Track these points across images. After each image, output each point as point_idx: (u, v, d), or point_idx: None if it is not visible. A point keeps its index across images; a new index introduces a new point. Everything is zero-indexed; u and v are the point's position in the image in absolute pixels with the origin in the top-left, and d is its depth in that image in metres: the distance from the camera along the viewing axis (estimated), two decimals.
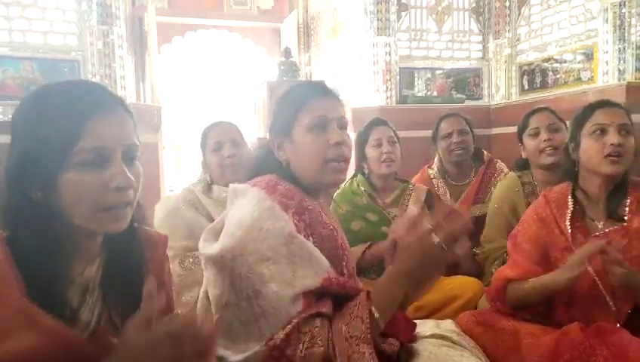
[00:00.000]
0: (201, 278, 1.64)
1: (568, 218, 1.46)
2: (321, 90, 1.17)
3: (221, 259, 1.01)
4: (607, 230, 1.43)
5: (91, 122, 0.77)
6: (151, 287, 0.74)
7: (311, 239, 1.07)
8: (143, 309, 0.73)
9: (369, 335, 0.93)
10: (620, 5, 2.95)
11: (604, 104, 1.49)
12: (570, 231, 1.44)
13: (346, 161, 1.14)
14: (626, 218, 1.42)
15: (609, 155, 1.39)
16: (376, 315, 0.96)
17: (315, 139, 1.10)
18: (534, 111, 2.09)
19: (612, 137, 1.40)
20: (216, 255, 1.01)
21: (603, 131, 1.42)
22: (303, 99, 1.14)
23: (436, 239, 0.91)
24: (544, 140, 1.97)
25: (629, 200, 1.44)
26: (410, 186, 2.19)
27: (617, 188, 1.45)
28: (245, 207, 1.05)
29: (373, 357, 0.92)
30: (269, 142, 1.20)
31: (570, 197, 1.49)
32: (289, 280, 0.98)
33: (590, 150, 1.44)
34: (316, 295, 1.01)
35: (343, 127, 1.15)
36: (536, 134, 2.01)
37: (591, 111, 1.48)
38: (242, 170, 1.21)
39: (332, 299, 1.03)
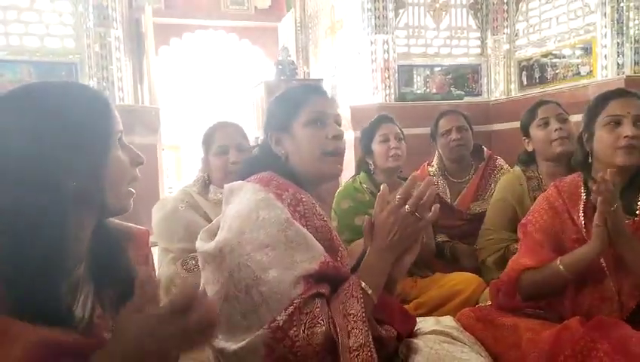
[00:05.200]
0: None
1: (581, 209, 1.42)
2: (318, 90, 1.27)
3: (219, 252, 1.03)
4: None
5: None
6: (143, 276, 0.76)
7: (306, 229, 1.10)
8: (137, 295, 0.72)
9: (364, 314, 0.98)
10: None
11: (619, 94, 1.44)
12: (583, 222, 1.40)
13: (342, 153, 1.22)
14: (637, 212, 1.38)
15: (623, 147, 1.36)
16: (369, 291, 1.02)
17: (314, 132, 1.18)
18: (540, 103, 2.05)
19: (626, 129, 1.35)
20: (214, 249, 1.04)
21: (617, 123, 1.38)
22: (302, 97, 1.22)
23: (406, 208, 1.00)
24: (555, 130, 1.91)
25: None
26: None
27: (631, 183, 1.41)
28: (241, 200, 1.10)
29: (369, 333, 0.97)
30: (264, 139, 1.25)
31: (582, 188, 1.45)
32: (288, 265, 1.00)
33: (604, 141, 1.39)
34: (315, 279, 1.03)
35: (338, 123, 1.23)
36: (545, 124, 1.95)
37: (605, 101, 1.43)
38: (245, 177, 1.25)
39: (328, 283, 1.07)
